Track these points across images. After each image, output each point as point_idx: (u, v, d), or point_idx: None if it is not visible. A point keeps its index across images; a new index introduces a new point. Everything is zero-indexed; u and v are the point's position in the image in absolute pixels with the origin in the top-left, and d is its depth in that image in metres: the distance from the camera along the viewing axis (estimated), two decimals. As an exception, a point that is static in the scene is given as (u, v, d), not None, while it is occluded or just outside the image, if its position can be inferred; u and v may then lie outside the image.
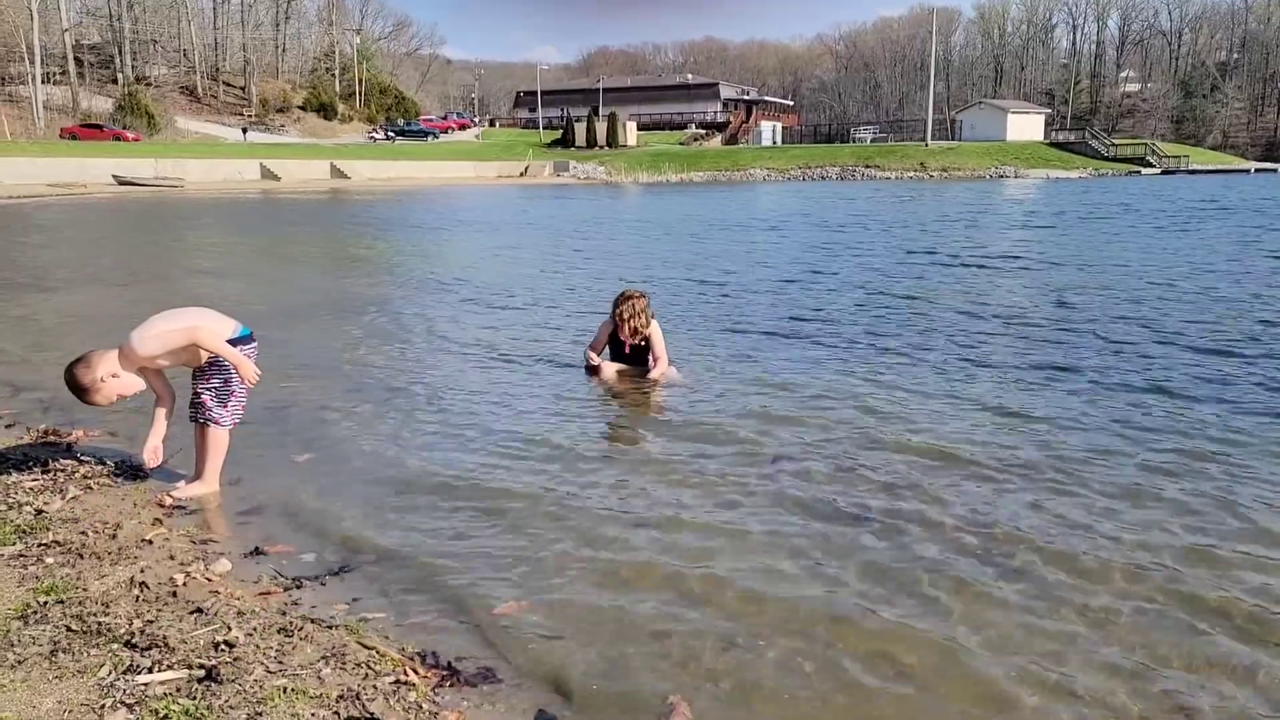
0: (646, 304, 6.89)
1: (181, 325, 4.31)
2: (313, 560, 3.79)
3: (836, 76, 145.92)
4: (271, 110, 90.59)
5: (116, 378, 4.22)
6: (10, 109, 69.56)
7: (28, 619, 3.04)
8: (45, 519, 3.98)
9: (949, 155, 73.26)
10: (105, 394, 4.21)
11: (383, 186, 56.38)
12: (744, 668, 2.97)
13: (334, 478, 4.74)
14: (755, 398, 6.32)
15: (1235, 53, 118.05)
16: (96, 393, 4.19)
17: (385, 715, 2.59)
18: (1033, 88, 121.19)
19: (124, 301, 10.95)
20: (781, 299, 11.12)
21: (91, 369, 4.18)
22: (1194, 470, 4.76)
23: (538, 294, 11.76)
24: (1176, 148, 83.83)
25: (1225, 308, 10.00)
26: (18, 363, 7.53)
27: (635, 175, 71.66)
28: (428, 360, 7.72)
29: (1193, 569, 3.65)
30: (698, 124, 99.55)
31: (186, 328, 4.30)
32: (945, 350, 7.92)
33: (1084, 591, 3.47)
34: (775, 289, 12.04)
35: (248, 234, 23.09)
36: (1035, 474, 4.74)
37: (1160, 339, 8.29)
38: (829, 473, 4.80)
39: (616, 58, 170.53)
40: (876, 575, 3.62)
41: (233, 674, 2.74)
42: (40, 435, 5.28)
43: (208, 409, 4.44)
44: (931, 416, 5.82)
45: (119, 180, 48.75)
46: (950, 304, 10.53)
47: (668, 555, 3.81)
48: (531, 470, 4.87)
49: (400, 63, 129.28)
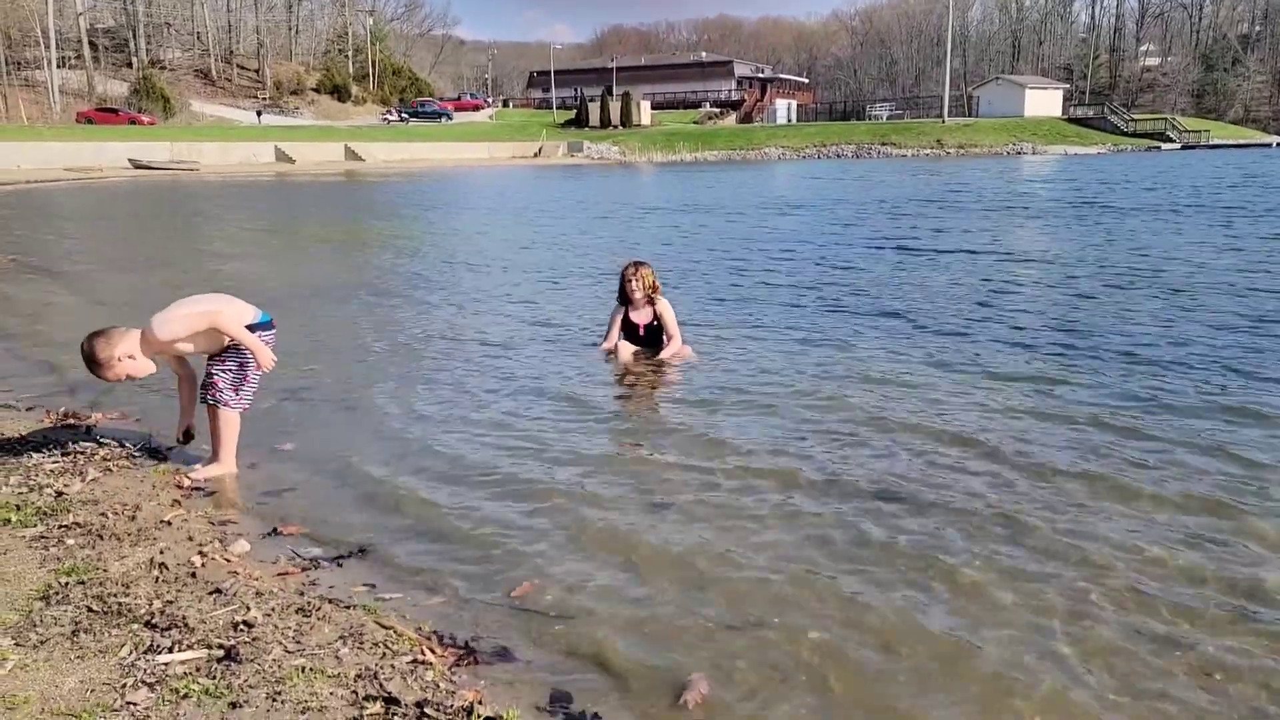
0: (651, 270, 6.92)
1: (203, 309, 4.36)
2: (330, 541, 3.81)
3: (852, 53, 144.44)
4: (285, 93, 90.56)
5: (132, 359, 4.26)
6: (26, 93, 69.80)
7: (49, 600, 3.07)
8: (66, 501, 4.02)
9: (966, 132, 72.56)
10: (116, 372, 4.24)
11: (397, 168, 56.35)
12: (761, 648, 2.98)
13: (351, 460, 4.76)
14: (771, 377, 6.30)
15: (1257, 25, 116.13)
16: (109, 369, 4.23)
17: (403, 694, 2.61)
18: (1051, 63, 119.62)
19: (141, 285, 11.01)
20: (798, 279, 11.06)
21: (110, 345, 4.22)
22: (1221, 450, 4.73)
23: (554, 276, 11.75)
24: (1197, 122, 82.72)
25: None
26: (37, 346, 7.59)
27: (649, 155, 71.33)
28: (446, 343, 7.73)
29: (1211, 551, 3.63)
30: (712, 102, 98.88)
31: (208, 311, 4.35)
32: (966, 330, 7.87)
33: (1099, 578, 3.46)
34: (792, 269, 11.98)
35: (264, 217, 23.14)
36: (1068, 461, 4.71)
37: (1200, 322, 8.19)
38: (847, 453, 4.78)
39: (630, 36, 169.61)
40: (895, 557, 3.61)
41: (252, 653, 2.77)
42: (60, 418, 5.33)
43: (217, 389, 4.48)
44: (948, 397, 5.78)
45: (135, 164, 48.90)
46: (973, 285, 10.46)
47: (684, 536, 3.82)
48: (547, 452, 4.87)
49: (413, 44, 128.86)
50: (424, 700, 2.59)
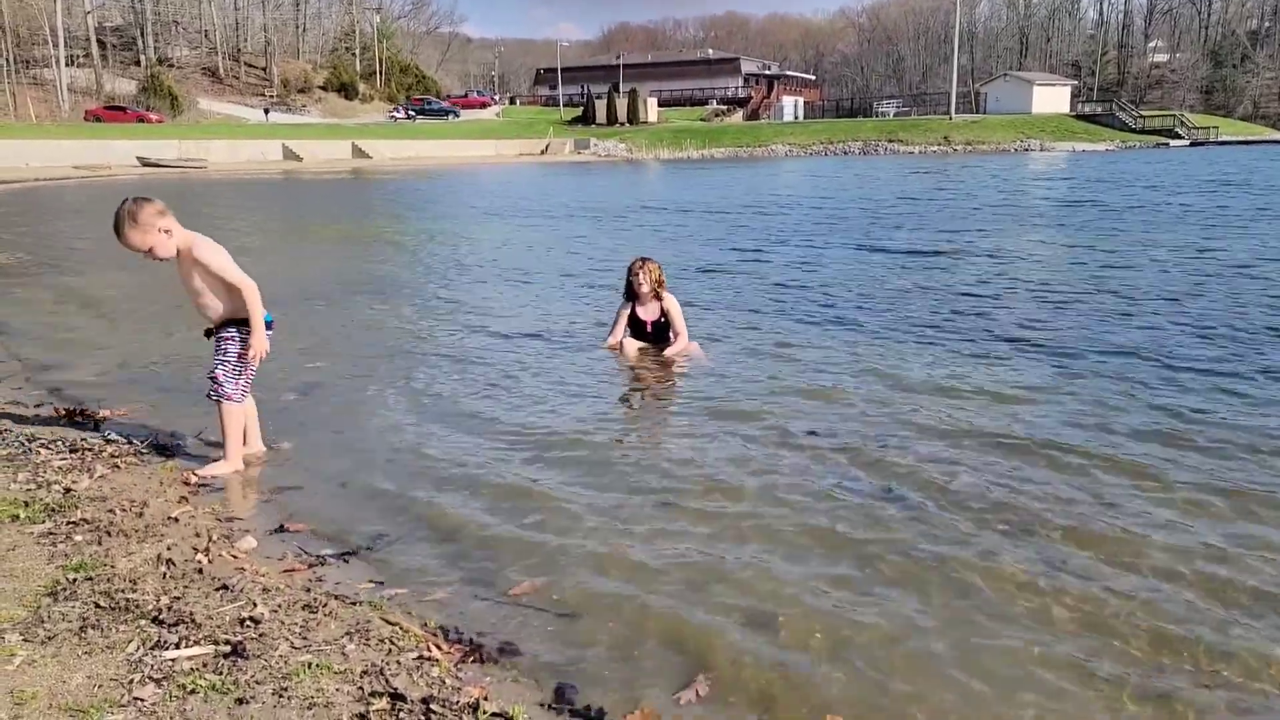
0: (658, 265, 6.91)
1: (244, 277, 4.49)
2: (336, 538, 3.82)
3: (859, 50, 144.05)
4: (293, 90, 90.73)
5: (169, 235, 4.30)
6: (35, 92, 70.03)
7: (57, 596, 3.08)
8: (74, 497, 4.03)
9: (973, 129, 72.34)
10: (148, 237, 4.25)
11: (404, 166, 56.42)
12: (765, 648, 2.97)
13: (356, 458, 4.77)
14: (776, 374, 6.30)
15: (1267, 21, 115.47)
16: (145, 231, 4.23)
17: (409, 690, 2.62)
18: (1058, 60, 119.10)
19: (151, 282, 11.03)
20: (805, 276, 11.05)
21: (162, 214, 4.27)
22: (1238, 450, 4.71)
23: (559, 275, 11.75)
24: (1206, 119, 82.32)
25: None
26: (47, 342, 7.62)
27: (656, 152, 71.31)
28: (450, 342, 7.74)
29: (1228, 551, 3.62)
30: (719, 100, 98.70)
31: (246, 281, 4.48)
32: (974, 329, 7.86)
33: (1112, 575, 3.45)
34: (798, 267, 11.98)
35: (272, 214, 23.19)
36: (1079, 458, 4.70)
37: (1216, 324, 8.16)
38: (852, 451, 4.78)
39: (637, 34, 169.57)
40: (901, 558, 3.60)
41: (258, 649, 2.78)
42: (68, 415, 5.35)
43: (219, 386, 4.51)
44: (953, 395, 5.78)
45: (143, 162, 49.06)
46: (982, 284, 10.44)
47: (688, 534, 3.82)
48: (551, 450, 4.87)
49: (420, 41, 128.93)
50: (430, 696, 2.59)
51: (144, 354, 7.11)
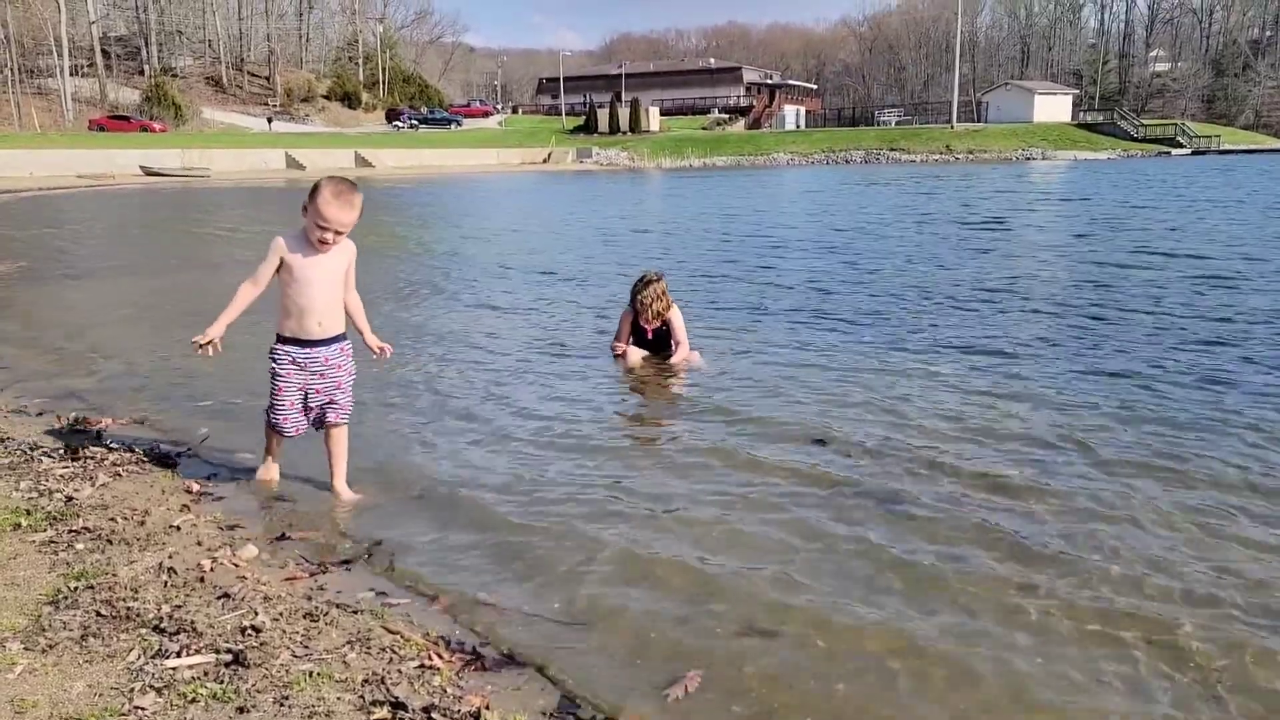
0: (665, 287, 6.89)
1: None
2: (337, 546, 3.81)
3: (860, 59, 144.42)
4: (296, 100, 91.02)
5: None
6: (39, 101, 70.32)
7: (58, 604, 3.08)
8: (75, 506, 4.03)
9: (975, 137, 72.53)
10: (355, 220, 4.17)
11: (407, 175, 56.55)
12: (769, 655, 2.96)
13: (358, 465, 4.76)
14: (777, 382, 6.29)
15: (1268, 30, 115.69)
16: (358, 214, 4.17)
17: (410, 699, 2.61)
18: (1060, 68, 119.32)
19: (153, 291, 11.06)
20: (805, 284, 11.06)
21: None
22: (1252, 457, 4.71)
23: (562, 283, 11.76)
24: (1208, 128, 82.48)
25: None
26: (49, 351, 7.62)
27: (658, 161, 71.49)
28: (453, 350, 7.74)
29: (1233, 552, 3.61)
30: (720, 109, 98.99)
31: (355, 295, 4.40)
32: (970, 336, 7.85)
33: (1119, 581, 3.44)
34: (798, 275, 11.98)
35: (275, 223, 23.23)
36: (1082, 467, 4.69)
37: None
38: (855, 459, 4.77)
39: (639, 43, 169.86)
40: (905, 567, 3.58)
41: (260, 658, 2.77)
42: (70, 423, 5.34)
43: (344, 410, 4.42)
44: (954, 401, 5.77)
45: (146, 171, 49.22)
46: (986, 292, 10.44)
47: (691, 542, 3.81)
48: (554, 459, 4.87)
49: (423, 51, 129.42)
50: (431, 705, 2.59)
51: (146, 362, 7.11)
